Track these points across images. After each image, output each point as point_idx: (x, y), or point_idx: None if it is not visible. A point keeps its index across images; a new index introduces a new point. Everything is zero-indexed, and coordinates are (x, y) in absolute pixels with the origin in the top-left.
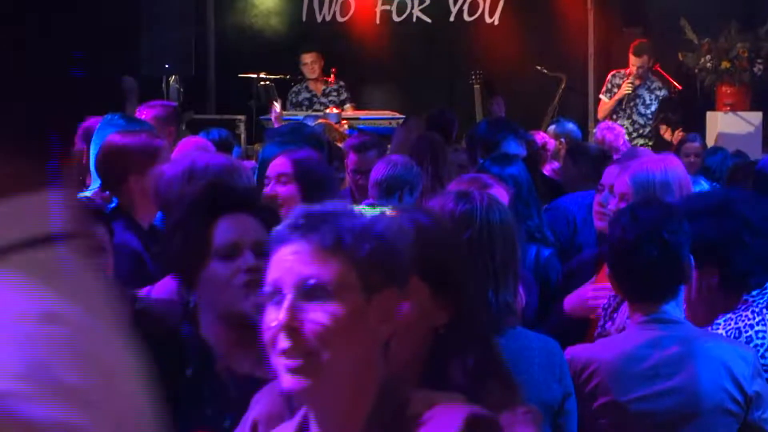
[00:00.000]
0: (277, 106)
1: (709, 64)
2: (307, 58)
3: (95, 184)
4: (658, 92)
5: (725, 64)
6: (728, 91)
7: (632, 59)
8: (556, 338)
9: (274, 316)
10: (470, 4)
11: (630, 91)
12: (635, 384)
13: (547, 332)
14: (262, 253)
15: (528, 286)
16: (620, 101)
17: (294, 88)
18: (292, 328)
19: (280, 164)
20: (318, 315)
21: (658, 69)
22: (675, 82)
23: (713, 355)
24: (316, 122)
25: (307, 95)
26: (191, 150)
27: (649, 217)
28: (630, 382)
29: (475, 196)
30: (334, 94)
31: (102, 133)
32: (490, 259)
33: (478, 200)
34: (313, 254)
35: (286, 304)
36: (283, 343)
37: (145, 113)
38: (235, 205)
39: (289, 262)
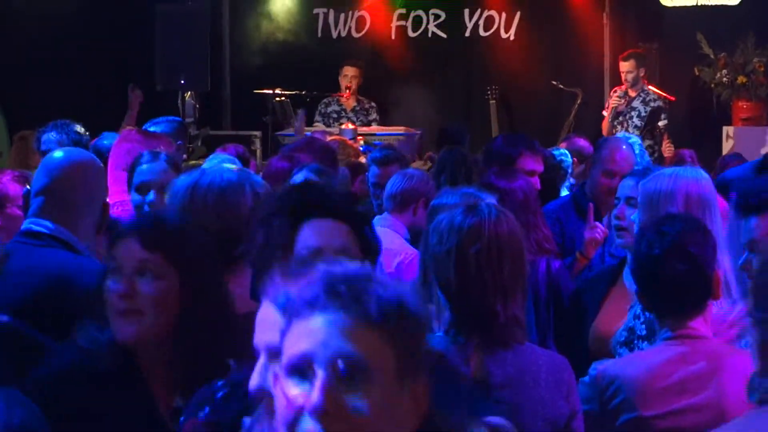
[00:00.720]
0: (300, 116)
1: (725, 79)
2: (350, 71)
3: (116, 198)
4: (653, 104)
5: (741, 79)
6: (744, 106)
7: (620, 65)
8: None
9: (301, 394)
10: (486, 20)
11: (617, 104)
12: (661, 400)
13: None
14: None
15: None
16: (617, 115)
17: (325, 99)
18: (325, 412)
19: (301, 179)
20: (355, 400)
21: (645, 82)
22: (666, 94)
23: (740, 370)
24: (330, 138)
25: (337, 108)
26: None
27: (674, 231)
28: (655, 398)
29: (483, 209)
30: (364, 112)
31: (124, 148)
32: (499, 273)
33: (486, 213)
34: (353, 329)
35: (319, 383)
36: (310, 426)
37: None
38: (324, 209)
39: (322, 333)
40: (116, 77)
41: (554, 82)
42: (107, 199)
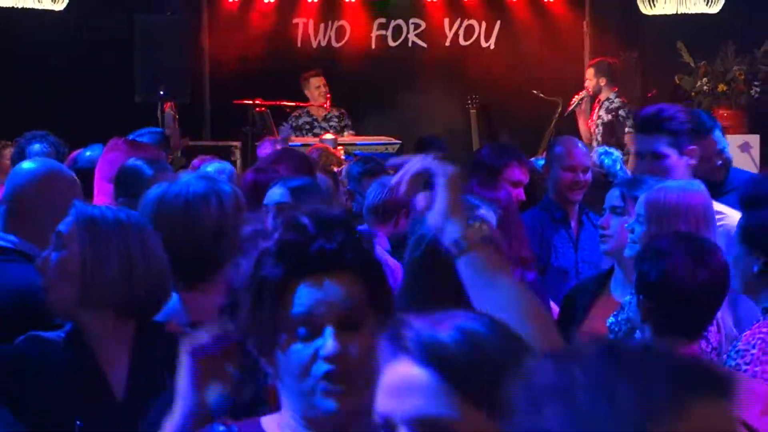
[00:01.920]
0: (285, 130)
1: (705, 87)
2: (316, 81)
3: None
4: (613, 113)
5: (722, 87)
6: (725, 114)
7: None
8: None
9: None
10: (466, 29)
11: (576, 105)
12: None
13: None
14: (353, 326)
15: None
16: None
17: (295, 113)
18: None
19: (279, 194)
20: None
21: (615, 90)
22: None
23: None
24: (312, 147)
25: (308, 119)
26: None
27: (678, 252)
28: None
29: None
30: (335, 120)
31: (108, 159)
32: None
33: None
34: (439, 388)
35: None
36: None
37: None
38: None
39: (406, 392)
40: (96, 88)
41: (535, 91)
42: None
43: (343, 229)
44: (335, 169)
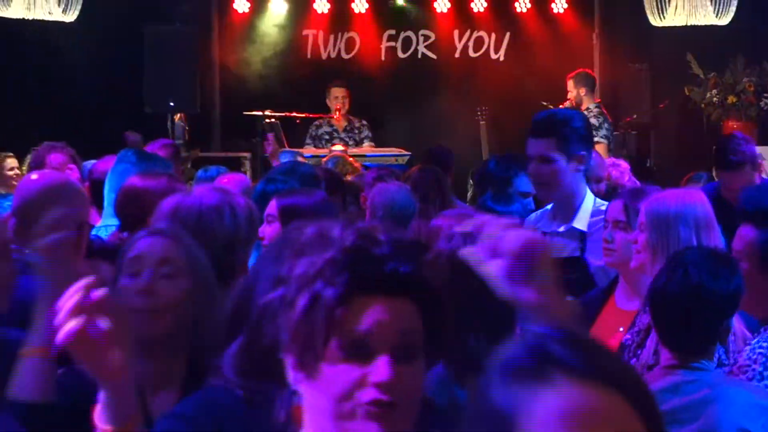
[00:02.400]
0: (270, 139)
1: (715, 99)
2: (335, 92)
3: (107, 221)
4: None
5: (732, 99)
6: (735, 126)
7: None
8: None
9: None
10: (475, 41)
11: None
12: None
13: None
14: (410, 355)
15: None
16: None
17: (316, 122)
18: None
19: (270, 206)
20: None
21: (597, 100)
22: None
23: (735, 402)
24: (329, 156)
25: (328, 129)
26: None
27: (693, 264)
28: None
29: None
30: (356, 131)
31: (117, 170)
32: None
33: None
34: (631, 414)
35: None
36: None
37: None
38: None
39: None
40: (105, 99)
41: (544, 103)
42: (87, 221)
43: (418, 254)
44: (349, 178)
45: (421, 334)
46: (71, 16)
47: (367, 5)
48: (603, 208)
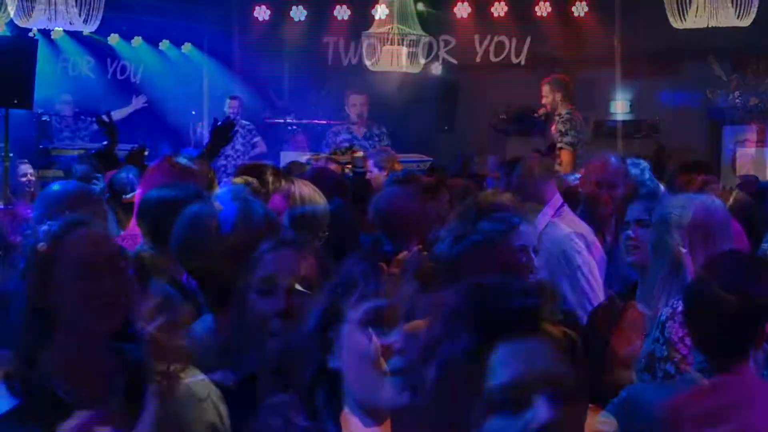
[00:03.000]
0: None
1: (737, 101)
2: (357, 99)
3: None
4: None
5: (754, 101)
6: (757, 128)
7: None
8: None
9: None
10: (496, 45)
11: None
12: (687, 428)
13: None
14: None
15: None
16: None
17: (334, 128)
18: None
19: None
20: None
21: (570, 106)
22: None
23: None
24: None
25: (348, 136)
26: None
27: (731, 276)
28: (682, 427)
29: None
30: (375, 138)
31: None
32: None
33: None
34: None
35: None
36: None
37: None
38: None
39: None
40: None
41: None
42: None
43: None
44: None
45: (568, 366)
46: (92, 26)
47: (386, 11)
48: None
